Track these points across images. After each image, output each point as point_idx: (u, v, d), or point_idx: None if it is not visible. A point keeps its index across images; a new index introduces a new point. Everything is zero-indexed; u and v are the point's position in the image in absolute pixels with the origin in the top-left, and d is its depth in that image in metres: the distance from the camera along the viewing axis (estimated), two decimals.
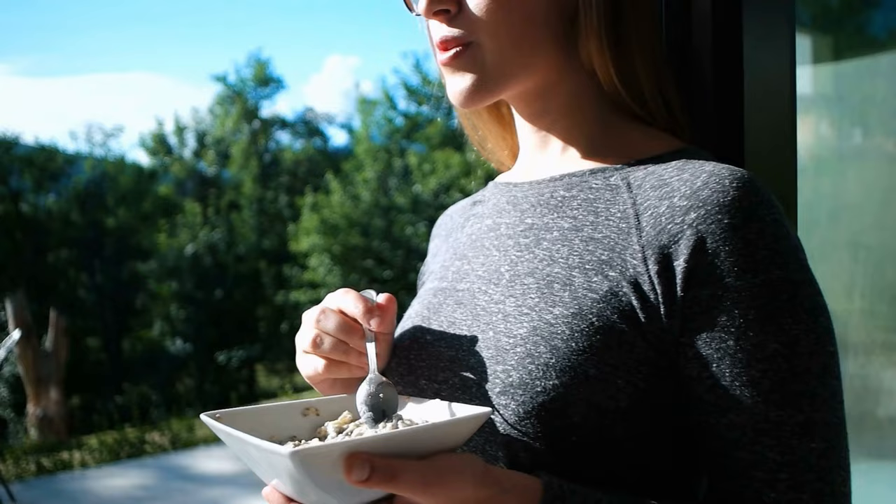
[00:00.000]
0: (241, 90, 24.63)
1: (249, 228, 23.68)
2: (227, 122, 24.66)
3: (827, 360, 0.76)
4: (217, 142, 24.80)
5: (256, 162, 24.43)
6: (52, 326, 11.20)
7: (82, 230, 21.53)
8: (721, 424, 0.76)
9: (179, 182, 25.16)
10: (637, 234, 0.80)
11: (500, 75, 0.86)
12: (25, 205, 21.15)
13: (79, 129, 42.00)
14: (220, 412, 0.80)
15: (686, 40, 1.00)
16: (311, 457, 0.64)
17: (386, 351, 0.92)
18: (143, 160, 25.71)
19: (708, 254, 0.75)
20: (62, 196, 21.84)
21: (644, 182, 0.84)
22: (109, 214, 22.22)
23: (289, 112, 43.19)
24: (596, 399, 0.76)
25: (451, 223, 1.11)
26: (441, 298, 0.95)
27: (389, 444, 0.67)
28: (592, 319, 0.78)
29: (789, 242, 0.77)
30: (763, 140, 1.00)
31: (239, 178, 24.51)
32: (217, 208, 24.12)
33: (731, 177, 0.77)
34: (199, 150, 25.25)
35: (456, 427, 0.72)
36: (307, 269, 20.12)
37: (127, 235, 22.08)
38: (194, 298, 22.27)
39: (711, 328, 0.76)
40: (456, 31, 0.85)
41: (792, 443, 0.74)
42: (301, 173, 24.91)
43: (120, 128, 30.22)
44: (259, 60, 24.80)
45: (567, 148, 0.93)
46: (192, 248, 22.35)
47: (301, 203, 21.10)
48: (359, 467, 0.64)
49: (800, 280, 0.76)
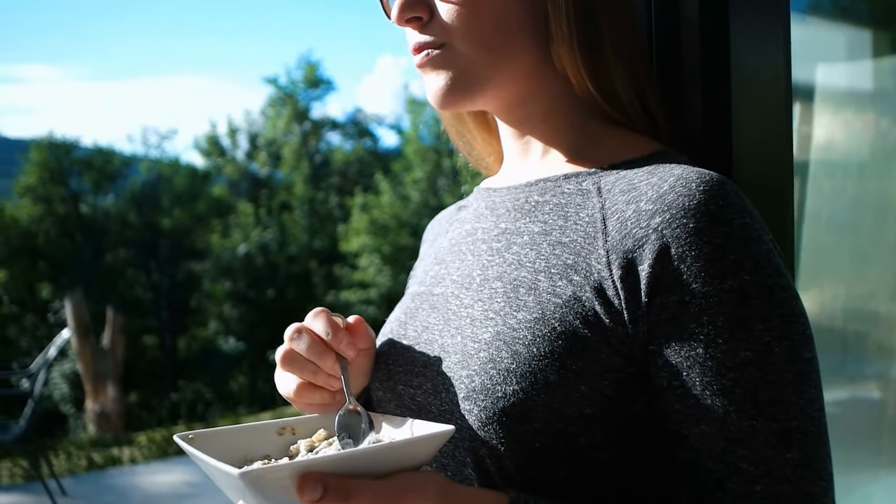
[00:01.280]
0: (293, 92, 24.92)
1: (300, 229, 23.94)
2: (279, 123, 24.98)
3: (803, 367, 0.73)
4: (269, 143, 25.14)
5: (307, 163, 24.68)
6: (109, 325, 11.47)
7: (139, 230, 22.02)
8: (693, 435, 0.74)
9: (232, 183, 25.55)
10: (603, 239, 0.79)
11: (474, 76, 0.86)
12: (85, 206, 21.72)
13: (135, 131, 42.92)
14: (193, 433, 0.80)
15: (674, 45, 0.99)
16: (261, 478, 0.64)
17: (367, 365, 0.93)
18: (198, 162, 26.16)
19: (673, 259, 0.73)
20: (119, 197, 22.35)
21: (614, 186, 0.82)
22: (165, 215, 22.68)
23: (339, 113, 43.64)
24: (558, 405, 0.75)
25: (438, 228, 1.12)
26: (418, 303, 0.95)
27: (343, 464, 0.66)
28: (555, 324, 0.77)
29: (761, 246, 0.74)
30: (753, 143, 0.97)
31: (290, 179, 24.80)
32: (269, 209, 24.43)
33: (698, 180, 0.75)
34: (252, 151, 25.64)
35: (414, 446, 0.71)
36: (357, 269, 20.29)
37: (182, 236, 22.50)
38: (247, 298, 22.60)
39: (680, 336, 0.73)
40: (428, 37, 0.86)
41: (766, 453, 0.71)
42: (351, 174, 25.11)
43: (174, 130, 30.81)
44: (309, 62, 25.08)
45: (546, 153, 0.92)
46: (244, 248, 22.67)
47: (351, 203, 21.28)
48: (311, 487, 0.64)
49: (772, 285, 0.73)
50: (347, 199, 22.36)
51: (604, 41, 0.85)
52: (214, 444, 0.78)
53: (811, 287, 1.70)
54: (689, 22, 0.97)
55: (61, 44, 45.54)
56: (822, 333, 1.67)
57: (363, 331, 0.88)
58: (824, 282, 1.72)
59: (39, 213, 20.46)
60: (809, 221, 1.71)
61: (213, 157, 25.75)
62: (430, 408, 0.85)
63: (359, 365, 0.91)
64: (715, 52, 0.96)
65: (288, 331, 0.86)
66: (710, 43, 0.96)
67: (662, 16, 0.99)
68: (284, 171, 24.98)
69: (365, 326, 0.88)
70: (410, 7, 0.85)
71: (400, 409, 0.89)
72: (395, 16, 0.86)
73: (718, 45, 0.96)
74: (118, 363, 11.24)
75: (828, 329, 1.68)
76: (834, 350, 1.69)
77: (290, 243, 23.47)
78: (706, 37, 0.96)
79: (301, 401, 0.89)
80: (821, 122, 1.77)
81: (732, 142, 0.95)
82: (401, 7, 0.85)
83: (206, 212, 23.64)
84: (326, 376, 0.86)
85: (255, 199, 24.71)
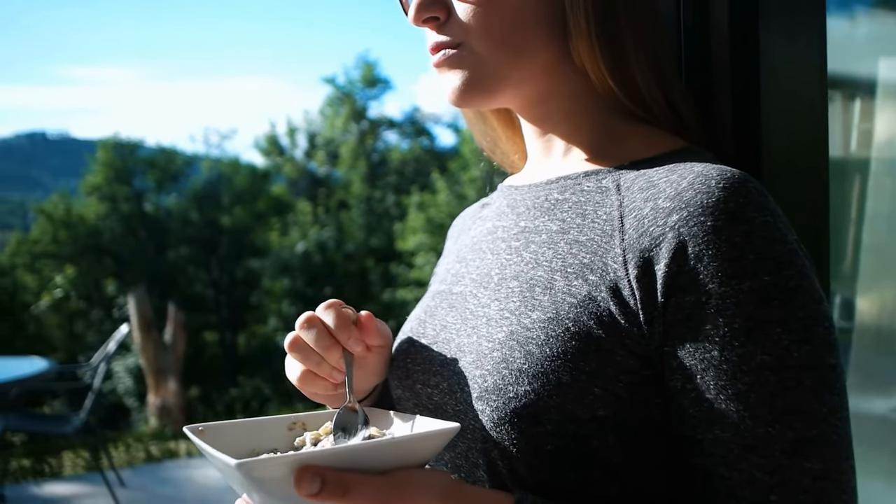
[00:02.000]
0: (350, 92, 25.11)
1: (357, 227, 24.11)
2: (337, 123, 25.20)
3: (825, 373, 0.69)
4: (327, 142, 25.38)
5: (365, 162, 24.84)
6: (170, 321, 11.74)
7: (200, 229, 22.46)
8: (707, 440, 0.71)
9: (291, 182, 25.88)
10: (620, 237, 0.77)
11: (490, 75, 0.85)
12: (148, 204, 22.22)
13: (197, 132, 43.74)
14: (204, 425, 0.81)
15: (703, 45, 0.97)
16: (257, 470, 0.64)
17: (380, 363, 0.92)
18: (257, 161, 26.59)
19: (690, 258, 0.71)
20: (181, 196, 22.83)
21: (633, 184, 0.80)
22: (225, 213, 23.08)
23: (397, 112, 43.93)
24: (570, 407, 0.73)
25: (461, 225, 1.11)
26: (438, 301, 0.95)
27: (342, 458, 0.65)
28: (569, 325, 0.75)
29: (783, 247, 0.71)
30: (785, 144, 0.94)
31: (348, 178, 24.99)
32: (327, 207, 24.67)
33: (718, 177, 0.73)
34: (310, 150, 25.91)
35: (416, 443, 0.70)
36: (413, 267, 20.33)
37: (241, 234, 22.87)
38: (305, 295, 22.84)
39: (695, 337, 0.71)
40: (446, 37, 0.86)
41: (783, 462, 0.68)
42: (408, 173, 25.19)
43: (235, 130, 31.35)
44: (367, 62, 25.25)
45: (569, 151, 0.91)
46: (302, 246, 22.93)
47: (408, 202, 21.35)
48: (308, 480, 0.63)
49: (794, 287, 0.70)
50: (404, 198, 22.43)
51: (624, 35, 0.83)
52: (224, 437, 0.78)
53: (872, 289, 1.64)
54: (718, 22, 0.95)
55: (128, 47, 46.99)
56: (883, 336, 1.61)
57: (373, 327, 0.86)
58: (886, 283, 1.65)
59: (105, 211, 21.03)
60: (870, 221, 1.65)
61: (273, 156, 26.11)
62: (446, 407, 0.84)
63: (370, 362, 0.90)
64: (745, 53, 0.94)
65: (300, 318, 0.85)
66: (740, 43, 0.94)
67: (691, 14, 0.97)
68: (342, 169, 25.18)
69: (375, 323, 0.86)
70: (427, 7, 0.85)
71: (418, 409, 0.88)
72: (412, 16, 0.86)
73: (748, 45, 0.93)
74: (179, 358, 11.49)
75: (889, 331, 1.61)
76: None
77: (347, 241, 23.64)
78: (735, 37, 0.93)
79: (305, 388, 0.89)
80: (882, 118, 1.70)
81: (762, 142, 0.92)
82: (418, 7, 0.85)
83: (266, 210, 23.99)
84: (330, 368, 0.85)
85: (313, 198, 24.97)
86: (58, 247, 19.97)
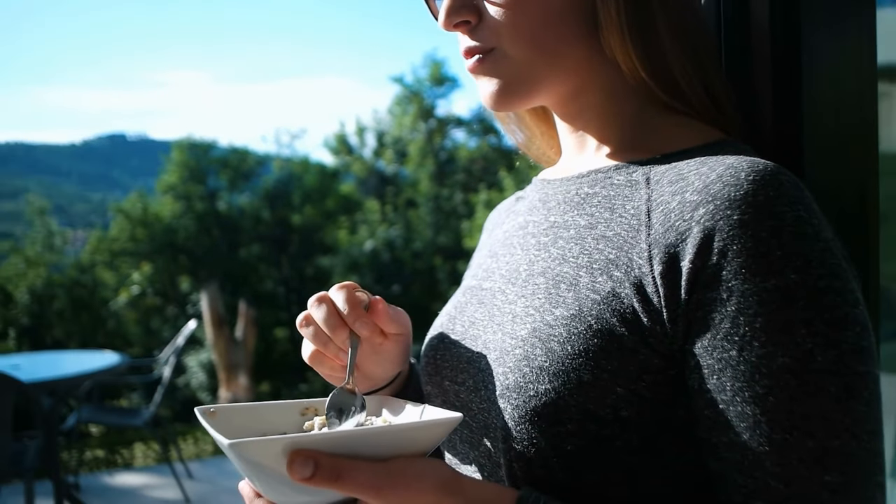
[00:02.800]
0: (418, 90, 25.22)
1: (425, 225, 24.21)
2: (405, 121, 25.35)
3: (852, 381, 0.64)
4: (395, 141, 25.55)
5: (432, 160, 24.92)
6: (242, 317, 11.96)
7: (271, 227, 22.85)
8: (722, 444, 0.67)
9: (360, 181, 26.13)
10: (646, 232, 0.73)
11: (526, 78, 0.83)
12: (221, 203, 22.70)
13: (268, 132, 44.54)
14: (215, 406, 0.80)
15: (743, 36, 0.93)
16: (249, 450, 0.63)
17: (397, 351, 0.90)
18: (327, 160, 26.94)
19: (714, 253, 0.67)
20: (253, 195, 23.26)
21: (663, 177, 0.77)
22: (295, 212, 23.43)
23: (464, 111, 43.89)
24: (591, 406, 0.70)
25: (496, 219, 1.09)
26: (468, 297, 0.94)
27: (337, 443, 0.64)
28: (591, 322, 0.72)
29: (814, 244, 0.66)
30: (828, 133, 0.89)
31: (416, 176, 25.13)
32: (395, 206, 24.85)
33: (749, 169, 0.69)
34: (379, 149, 26.13)
35: (415, 431, 0.68)
36: None
37: (311, 232, 23.20)
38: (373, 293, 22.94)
39: (714, 336, 0.67)
40: (478, 42, 0.84)
41: (800, 472, 0.63)
42: (476, 171, 25.17)
43: (305, 130, 31.80)
44: (435, 60, 25.30)
45: (602, 145, 0.88)
46: (371, 244, 23.14)
47: (475, 200, 21.34)
48: (301, 464, 0.62)
49: (823, 287, 0.65)
50: (471, 196, 22.43)
51: (657, 25, 0.80)
52: (235, 419, 0.78)
53: None
54: (758, 12, 0.91)
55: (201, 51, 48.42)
56: None
57: (383, 311, 0.85)
58: None
59: (180, 210, 21.55)
60: None
61: (342, 155, 26.42)
62: (471, 405, 0.82)
63: (386, 350, 0.89)
64: (786, 44, 0.90)
65: (312, 298, 0.86)
66: (781, 34, 0.90)
67: (731, 4, 0.93)
68: (410, 168, 25.33)
69: (386, 308, 0.85)
70: (457, 11, 0.83)
71: (446, 405, 0.87)
72: (442, 20, 0.84)
73: (790, 36, 0.90)
74: (250, 354, 11.70)
75: None
76: None
77: (415, 240, 23.76)
78: (776, 27, 0.90)
79: (315, 368, 0.90)
80: None
81: (804, 136, 0.88)
82: (447, 12, 0.83)
83: (335, 209, 24.28)
84: (336, 349, 0.85)
85: (381, 197, 25.18)
86: (135, 244, 20.55)
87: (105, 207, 30.93)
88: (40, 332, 17.20)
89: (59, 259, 20.36)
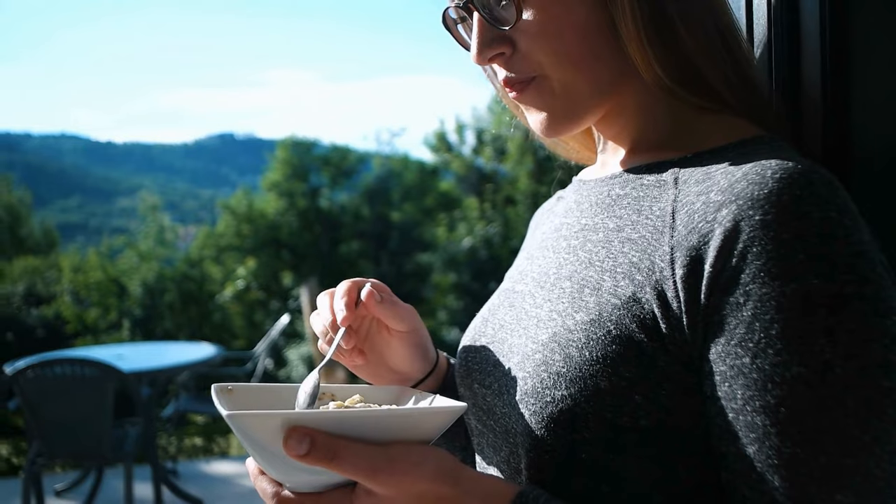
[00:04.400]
0: None
1: (523, 223, 24.08)
2: (504, 119, 25.27)
3: (875, 396, 0.59)
4: (494, 138, 25.53)
5: (531, 157, 24.79)
6: None
7: (371, 223, 23.24)
8: (730, 454, 0.63)
9: (459, 178, 26.24)
10: (669, 234, 0.70)
11: (575, 100, 0.80)
12: (323, 200, 23.22)
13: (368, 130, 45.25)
14: (233, 385, 0.81)
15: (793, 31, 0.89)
16: (246, 422, 0.63)
17: (404, 348, 0.92)
18: (426, 157, 27.17)
19: (734, 255, 0.63)
20: (354, 192, 23.70)
21: (691, 177, 0.73)
22: (395, 209, 23.76)
23: None
24: (609, 415, 0.67)
25: (539, 219, 1.08)
26: (501, 300, 0.92)
27: (335, 422, 0.64)
28: (610, 327, 0.69)
29: (844, 248, 0.60)
30: (879, 135, 0.85)
31: (514, 174, 25.06)
32: (493, 203, 24.84)
33: (777, 167, 0.64)
34: (478, 147, 26.17)
35: (413, 417, 0.67)
36: None
37: (410, 229, 23.47)
38: (470, 290, 23.13)
39: (728, 341, 0.63)
40: (516, 73, 0.80)
41: (810, 490, 0.59)
42: (574, 168, 24.96)
43: (404, 128, 32.20)
44: None
45: (636, 146, 0.86)
46: (469, 241, 23.21)
47: None
48: (297, 440, 0.62)
49: (849, 294, 0.59)
50: None
51: (678, 31, 0.76)
52: (251, 399, 0.79)
53: None
54: (809, 10, 0.87)
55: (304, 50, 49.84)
56: None
57: (371, 304, 0.86)
58: None
59: (283, 206, 22.15)
60: None
61: (441, 152, 26.58)
62: (495, 409, 0.81)
63: (393, 346, 0.91)
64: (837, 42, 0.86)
65: (322, 293, 0.89)
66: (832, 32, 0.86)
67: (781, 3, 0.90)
68: (509, 165, 25.27)
69: (373, 300, 0.86)
70: (490, 45, 0.79)
71: (474, 408, 0.86)
72: (474, 55, 0.80)
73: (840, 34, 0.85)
74: None
75: None
76: None
77: (513, 237, 23.68)
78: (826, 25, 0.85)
79: (339, 361, 0.92)
80: None
81: (853, 138, 0.84)
82: (479, 47, 0.79)
83: (434, 206, 24.48)
84: (331, 339, 0.88)
85: (479, 194, 25.21)
86: (240, 240, 21.24)
87: (213, 204, 32.10)
88: (152, 324, 18.00)
89: (171, 253, 21.26)
